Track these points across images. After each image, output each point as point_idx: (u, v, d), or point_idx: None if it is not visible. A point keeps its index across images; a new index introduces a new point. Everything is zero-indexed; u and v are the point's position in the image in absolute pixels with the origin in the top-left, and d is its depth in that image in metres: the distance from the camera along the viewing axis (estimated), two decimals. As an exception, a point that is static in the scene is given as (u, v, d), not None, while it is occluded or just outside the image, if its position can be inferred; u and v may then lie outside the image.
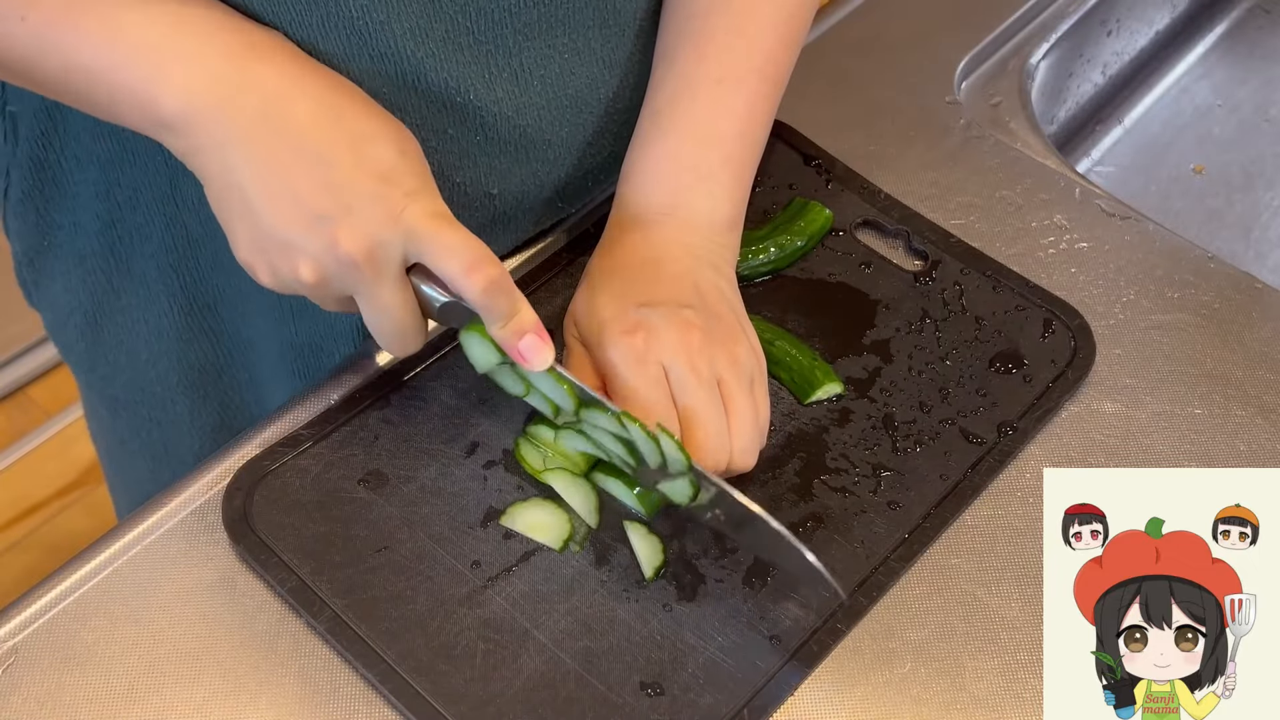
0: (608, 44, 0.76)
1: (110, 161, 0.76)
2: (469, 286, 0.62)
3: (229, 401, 0.90)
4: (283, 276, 0.63)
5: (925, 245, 0.83)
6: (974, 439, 0.74)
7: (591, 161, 0.81)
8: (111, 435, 0.98)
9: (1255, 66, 1.22)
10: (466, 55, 0.69)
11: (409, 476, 0.72)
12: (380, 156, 0.62)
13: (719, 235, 0.75)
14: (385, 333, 0.65)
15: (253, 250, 0.63)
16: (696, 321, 0.70)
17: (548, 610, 0.67)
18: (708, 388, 0.68)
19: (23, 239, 0.85)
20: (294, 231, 0.61)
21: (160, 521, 0.71)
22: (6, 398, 1.93)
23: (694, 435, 0.68)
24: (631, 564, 0.69)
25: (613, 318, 0.70)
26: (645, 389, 0.68)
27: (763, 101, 0.77)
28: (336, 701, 0.65)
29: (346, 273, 0.62)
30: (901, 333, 0.79)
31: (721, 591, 0.68)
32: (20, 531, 1.82)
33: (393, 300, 0.63)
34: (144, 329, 0.85)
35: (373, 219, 0.61)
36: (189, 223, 0.78)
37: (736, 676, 0.65)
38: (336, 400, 0.75)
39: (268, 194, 0.61)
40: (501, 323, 0.64)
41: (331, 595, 0.67)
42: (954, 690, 0.66)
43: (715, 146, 0.76)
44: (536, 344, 0.64)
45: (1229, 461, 0.75)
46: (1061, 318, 0.80)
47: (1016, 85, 0.97)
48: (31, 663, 0.66)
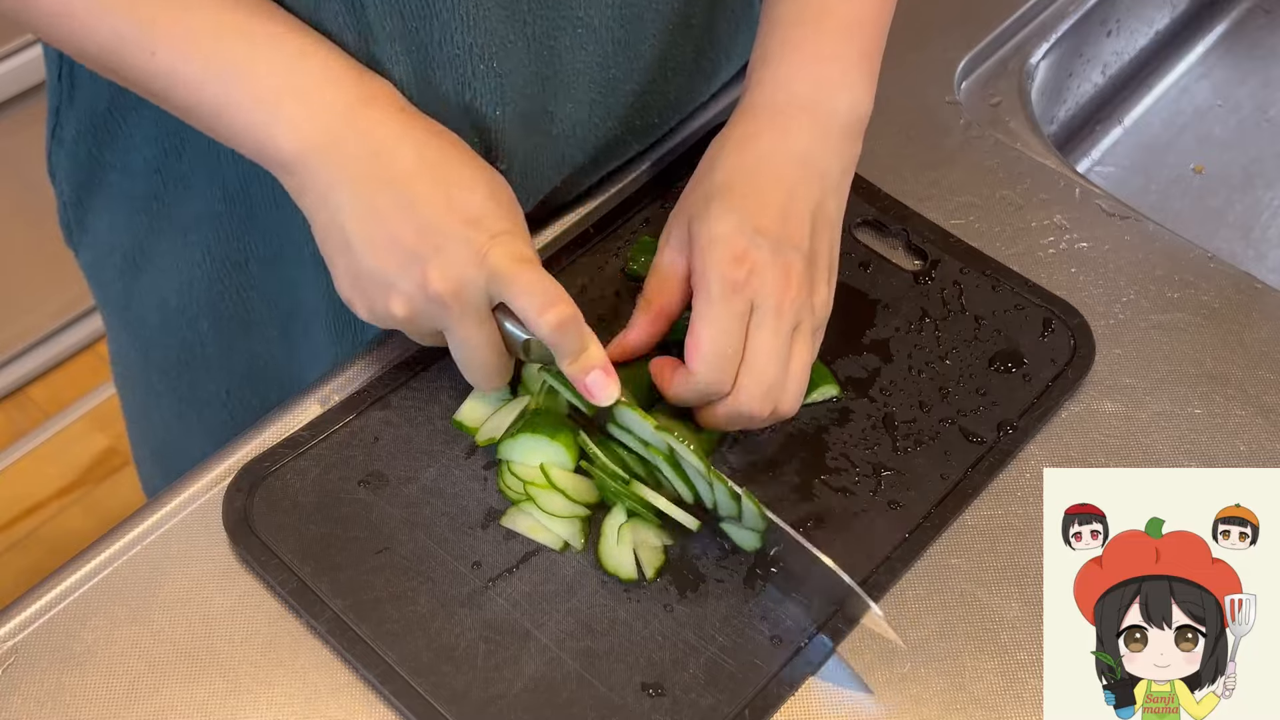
0: (622, 24, 0.76)
1: (161, 110, 0.78)
2: (541, 325, 0.66)
3: (258, 352, 0.92)
4: (377, 311, 0.68)
5: (925, 245, 0.83)
6: (974, 438, 0.74)
7: (596, 140, 0.82)
8: (139, 377, 1.00)
9: (1255, 66, 1.22)
10: (488, 17, 0.70)
11: (409, 477, 0.72)
12: (471, 202, 0.66)
13: (851, 142, 0.76)
14: (471, 366, 0.69)
15: (352, 287, 0.68)
16: (799, 267, 0.71)
17: (549, 611, 0.67)
18: (783, 339, 0.70)
19: (72, 179, 0.88)
20: (389, 271, 0.66)
21: (160, 521, 0.71)
22: (6, 398, 1.93)
23: (749, 380, 0.69)
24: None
25: (725, 236, 0.70)
26: (726, 319, 0.69)
27: (888, 4, 0.78)
28: (337, 702, 0.65)
29: (435, 310, 0.66)
30: (901, 332, 0.79)
31: (722, 591, 0.68)
32: (20, 531, 1.82)
33: (478, 336, 0.68)
34: (177, 277, 0.87)
35: (459, 259, 0.65)
36: (227, 177, 0.80)
37: (737, 677, 0.65)
38: (337, 401, 0.75)
39: (367, 236, 0.66)
40: (571, 359, 0.67)
41: (332, 596, 0.67)
42: (954, 690, 0.66)
43: (856, 38, 0.76)
44: (602, 380, 0.68)
45: (1229, 461, 0.75)
46: (1061, 317, 0.80)
47: (1016, 85, 0.97)
48: (31, 663, 0.66)
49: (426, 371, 0.76)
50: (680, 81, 0.85)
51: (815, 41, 0.75)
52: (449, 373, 0.76)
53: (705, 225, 0.71)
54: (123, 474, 1.89)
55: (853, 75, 0.75)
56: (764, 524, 0.67)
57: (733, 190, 0.72)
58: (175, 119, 0.78)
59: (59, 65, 0.82)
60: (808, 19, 0.75)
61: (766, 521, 0.67)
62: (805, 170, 0.73)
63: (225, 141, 0.69)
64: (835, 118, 0.75)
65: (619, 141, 0.84)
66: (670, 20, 0.79)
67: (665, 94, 0.84)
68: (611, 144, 0.84)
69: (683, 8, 0.80)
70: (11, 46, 1.62)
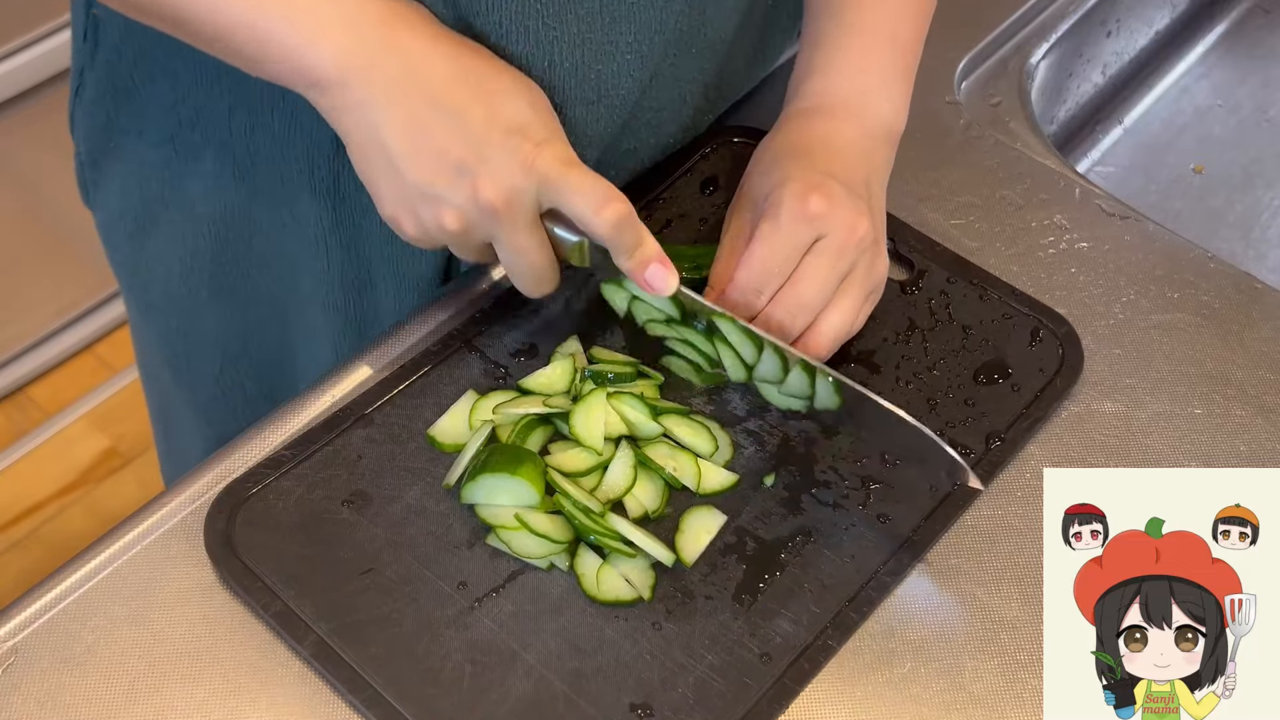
0: (641, 37, 0.76)
1: (179, 79, 0.80)
2: (598, 224, 0.66)
3: (250, 333, 0.92)
4: (428, 227, 0.68)
5: (911, 254, 0.83)
6: (963, 450, 0.74)
7: (609, 150, 0.82)
8: (144, 343, 1.02)
9: (1255, 66, 1.22)
10: (532, 36, 0.71)
11: (394, 496, 0.71)
12: (512, 110, 0.67)
13: (891, 148, 0.78)
14: (522, 274, 0.70)
15: (398, 204, 0.68)
16: (866, 219, 0.72)
17: (536, 631, 0.66)
18: (835, 275, 0.71)
19: (89, 138, 0.89)
20: (437, 185, 0.66)
21: (160, 521, 0.71)
22: (6, 398, 1.93)
23: (790, 294, 0.70)
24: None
25: (796, 178, 0.72)
26: (784, 242, 0.71)
27: (926, 21, 0.81)
28: (337, 702, 0.65)
29: (487, 219, 0.66)
30: (889, 343, 0.79)
31: (711, 609, 0.67)
32: (20, 531, 1.82)
33: (529, 243, 0.68)
34: (182, 245, 0.88)
35: (508, 168, 0.66)
36: (237, 150, 0.81)
37: (727, 696, 0.64)
38: (318, 419, 0.74)
39: (411, 150, 0.66)
40: (628, 254, 0.68)
41: (316, 620, 0.66)
42: (954, 690, 0.66)
43: (901, 53, 0.79)
44: (661, 272, 0.69)
45: (1229, 461, 0.75)
46: (1049, 325, 0.79)
47: (1016, 85, 0.97)
48: (31, 663, 0.66)
49: (409, 387, 0.75)
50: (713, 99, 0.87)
51: (861, 56, 0.78)
52: (433, 389, 0.75)
53: (775, 174, 0.73)
54: (123, 474, 1.89)
55: (894, 89, 0.79)
56: (839, 400, 0.69)
57: (797, 150, 0.75)
58: (192, 91, 0.79)
59: (85, 24, 0.83)
60: (853, 36, 0.79)
61: (842, 396, 0.69)
62: (858, 155, 0.76)
63: (252, 68, 0.69)
64: (880, 122, 0.78)
65: (631, 155, 0.84)
66: (684, 36, 0.79)
67: (684, 116, 0.86)
68: (622, 157, 0.84)
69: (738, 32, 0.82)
70: (11, 46, 1.62)
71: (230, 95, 0.79)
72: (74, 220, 1.25)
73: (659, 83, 0.79)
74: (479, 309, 0.80)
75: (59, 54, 1.65)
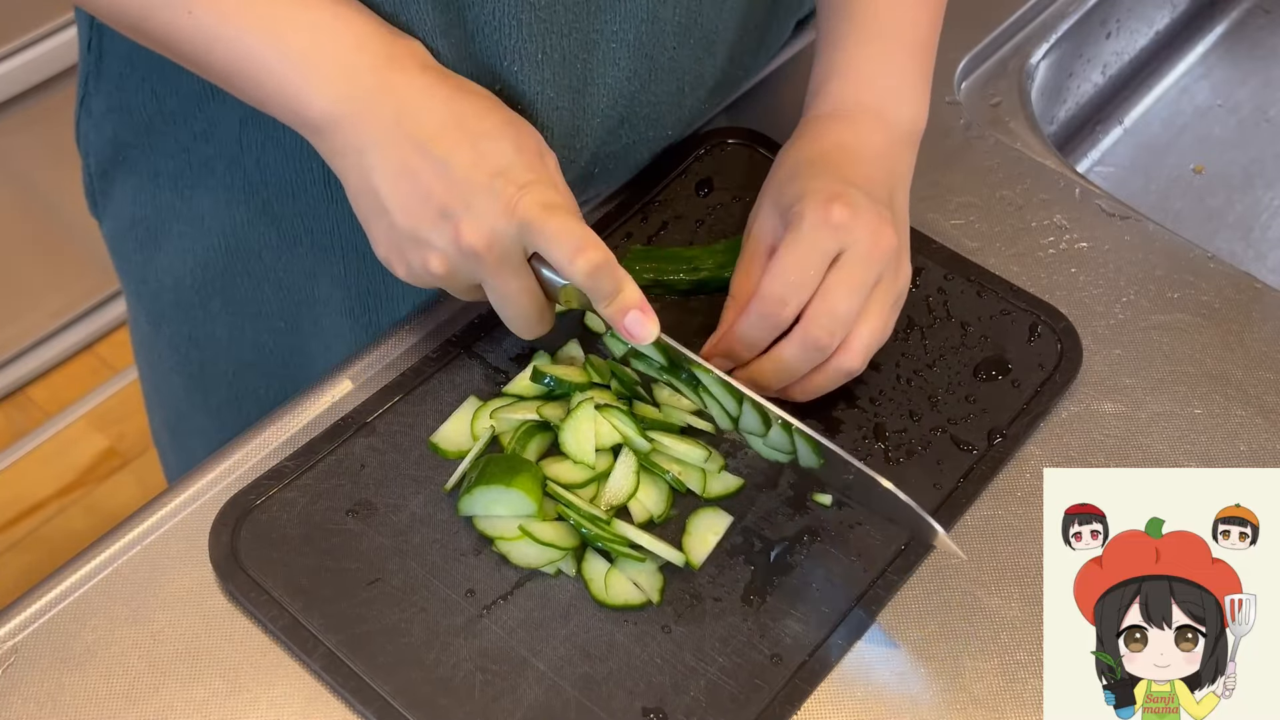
0: (626, 26, 0.76)
1: (190, 92, 0.80)
2: (574, 271, 0.66)
3: (263, 342, 0.92)
4: (416, 270, 0.69)
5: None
6: (965, 446, 0.74)
7: (608, 144, 0.82)
8: (152, 351, 1.02)
9: (1255, 66, 1.22)
10: (525, 29, 0.71)
11: (398, 505, 0.71)
12: (497, 153, 0.67)
13: (913, 151, 0.78)
14: (512, 317, 0.70)
15: (389, 248, 0.69)
16: (890, 227, 0.72)
17: (545, 637, 0.66)
18: (865, 283, 0.71)
19: (98, 151, 0.89)
20: (423, 229, 0.66)
21: (160, 521, 0.71)
22: (6, 398, 1.93)
23: (822, 306, 0.70)
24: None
25: (821, 187, 0.72)
26: (809, 251, 0.70)
27: (941, 20, 0.81)
28: (336, 701, 0.65)
29: (471, 263, 0.67)
30: (888, 341, 0.78)
31: (720, 610, 0.67)
32: (20, 531, 1.82)
33: (514, 286, 0.68)
34: (193, 257, 0.88)
35: (490, 212, 0.66)
36: (247, 165, 0.81)
37: (739, 698, 0.64)
38: (321, 430, 0.74)
39: (400, 195, 0.66)
40: (606, 302, 0.67)
41: (325, 632, 0.66)
42: (954, 690, 0.66)
43: (919, 56, 0.79)
44: (640, 319, 0.68)
45: (1229, 461, 0.75)
46: (1047, 321, 0.80)
47: (1016, 85, 0.97)
48: (31, 663, 0.66)
49: (411, 395, 0.75)
50: (701, 95, 0.86)
51: (881, 59, 0.78)
52: (434, 396, 0.75)
53: (790, 185, 0.73)
54: (123, 474, 1.89)
55: (914, 92, 0.79)
56: (820, 460, 0.68)
57: (809, 167, 0.75)
58: (204, 106, 0.79)
59: (89, 35, 0.83)
60: (873, 37, 0.78)
61: (822, 457, 0.68)
62: (880, 161, 0.76)
63: (259, 105, 0.69)
64: (901, 124, 0.78)
65: (633, 148, 0.84)
66: (687, 35, 0.80)
67: (683, 110, 0.86)
68: (622, 151, 0.84)
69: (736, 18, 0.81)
70: (11, 47, 1.62)
71: (242, 109, 0.79)
72: (74, 220, 1.25)
73: (657, 75, 0.79)
74: (478, 314, 0.80)
75: (59, 54, 1.65)
